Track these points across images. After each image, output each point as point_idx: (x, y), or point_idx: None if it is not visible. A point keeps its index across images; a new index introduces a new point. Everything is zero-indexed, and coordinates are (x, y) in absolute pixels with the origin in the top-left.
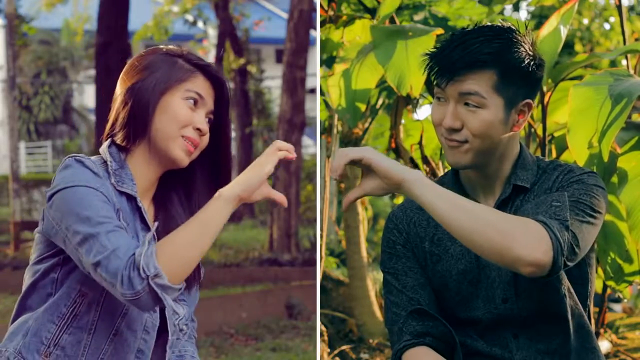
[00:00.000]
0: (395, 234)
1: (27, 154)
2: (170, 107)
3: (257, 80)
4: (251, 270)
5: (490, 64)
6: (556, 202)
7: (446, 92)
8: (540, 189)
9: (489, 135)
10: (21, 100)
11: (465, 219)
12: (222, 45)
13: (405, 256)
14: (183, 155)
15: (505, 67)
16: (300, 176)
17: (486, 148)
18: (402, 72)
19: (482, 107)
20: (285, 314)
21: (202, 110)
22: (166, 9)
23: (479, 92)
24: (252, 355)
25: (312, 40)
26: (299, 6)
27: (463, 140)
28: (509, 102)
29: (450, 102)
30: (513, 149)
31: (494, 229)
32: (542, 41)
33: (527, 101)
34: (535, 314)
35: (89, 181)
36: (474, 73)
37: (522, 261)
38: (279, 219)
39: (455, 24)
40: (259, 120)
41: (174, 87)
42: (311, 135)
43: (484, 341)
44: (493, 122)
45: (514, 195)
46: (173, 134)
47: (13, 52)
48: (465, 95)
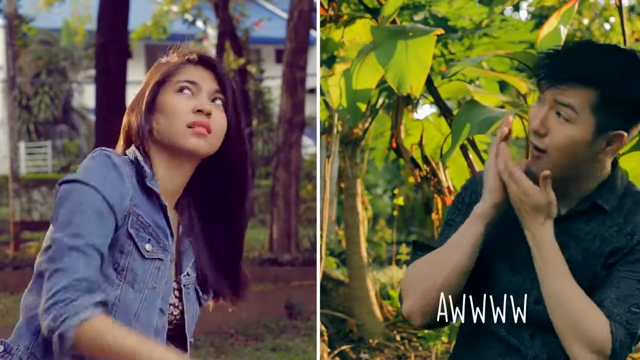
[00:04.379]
0: (470, 194)
1: (27, 154)
2: (167, 104)
3: (257, 80)
4: (251, 270)
5: (594, 84)
6: (635, 307)
7: (544, 96)
8: (622, 219)
9: (570, 152)
10: (21, 100)
11: (552, 296)
12: (222, 45)
13: (467, 216)
14: (196, 142)
15: (611, 91)
16: (300, 176)
17: (566, 165)
18: (402, 72)
19: (571, 122)
20: (285, 314)
21: (203, 94)
22: (166, 8)
23: (573, 106)
24: (252, 355)
25: (312, 40)
26: (299, 6)
27: (544, 148)
28: (601, 127)
29: (545, 106)
30: (602, 172)
31: (569, 320)
32: (542, 41)
33: (620, 132)
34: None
35: (101, 184)
36: (576, 87)
37: (575, 358)
38: (279, 219)
39: (455, 24)
40: (259, 120)
41: (164, 85)
42: (311, 135)
43: (504, 328)
44: (577, 140)
45: (591, 211)
46: (179, 129)
47: (13, 52)
48: (559, 105)
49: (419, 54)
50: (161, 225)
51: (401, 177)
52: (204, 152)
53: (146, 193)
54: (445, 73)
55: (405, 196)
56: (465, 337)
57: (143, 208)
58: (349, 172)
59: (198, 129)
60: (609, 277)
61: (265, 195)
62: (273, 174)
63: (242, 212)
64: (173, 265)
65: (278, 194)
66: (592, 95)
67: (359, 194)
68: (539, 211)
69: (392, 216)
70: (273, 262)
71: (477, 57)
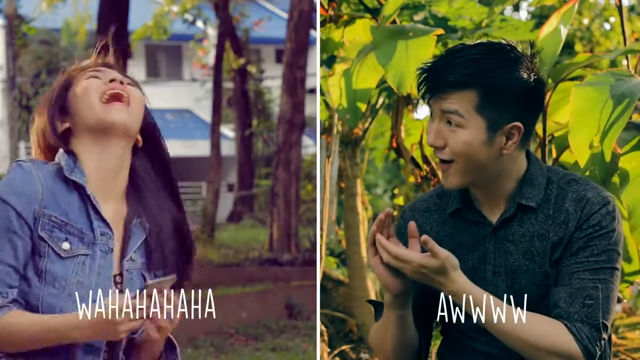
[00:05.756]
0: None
1: (27, 154)
2: (77, 91)
3: (257, 80)
4: (251, 270)
5: (471, 85)
6: (589, 299)
7: (433, 108)
8: (552, 210)
9: (471, 156)
10: (21, 100)
11: (501, 334)
12: (222, 45)
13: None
14: (114, 113)
15: (489, 88)
16: (300, 176)
17: (472, 168)
18: (402, 72)
19: (462, 127)
20: (285, 314)
21: (111, 72)
22: (166, 9)
23: (459, 111)
24: (252, 355)
25: (312, 40)
26: (299, 6)
27: (449, 159)
28: (492, 124)
29: (435, 119)
30: (516, 167)
31: (530, 348)
32: (542, 41)
33: (516, 124)
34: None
35: (7, 194)
36: (457, 92)
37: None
38: (279, 219)
39: (455, 24)
40: (259, 120)
41: (71, 82)
42: (311, 135)
43: (483, 341)
44: (472, 143)
45: (520, 213)
46: (94, 104)
47: (13, 52)
48: (446, 114)
49: (419, 54)
50: (82, 220)
51: (401, 177)
52: (123, 122)
53: (69, 188)
54: None
55: (405, 196)
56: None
57: (60, 206)
58: (349, 172)
59: (113, 99)
60: (560, 275)
61: (265, 195)
62: (273, 174)
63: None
64: (115, 253)
65: (278, 194)
66: (473, 97)
67: (359, 194)
68: (443, 272)
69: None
70: (273, 262)
71: None
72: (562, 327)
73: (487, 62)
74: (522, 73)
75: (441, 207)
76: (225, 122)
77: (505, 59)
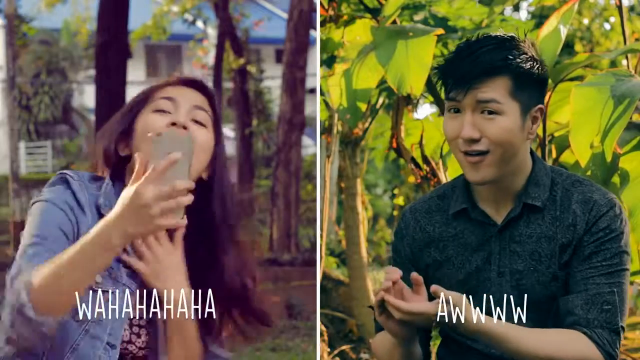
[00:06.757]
0: (401, 241)
1: (27, 154)
2: (140, 125)
3: (257, 80)
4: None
5: (504, 70)
6: (607, 305)
7: (462, 103)
8: (558, 211)
9: (510, 142)
10: (21, 100)
11: (525, 355)
12: (222, 45)
13: (404, 268)
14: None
15: (517, 72)
16: (300, 176)
17: (508, 157)
18: (402, 72)
19: (500, 114)
20: (285, 314)
21: (181, 109)
22: (166, 9)
23: (496, 98)
24: (252, 355)
25: (312, 40)
26: (299, 6)
27: (485, 150)
28: (525, 108)
29: (466, 112)
30: (527, 162)
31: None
32: (542, 41)
33: (540, 106)
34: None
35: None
36: (489, 80)
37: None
38: (279, 219)
39: (455, 24)
40: (259, 120)
41: (143, 108)
42: (311, 135)
43: (482, 343)
44: (512, 128)
45: (527, 213)
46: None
47: (13, 52)
48: (482, 103)
49: (419, 54)
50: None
51: (401, 177)
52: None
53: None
54: None
55: (405, 196)
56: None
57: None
58: (349, 172)
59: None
60: (573, 281)
61: (265, 195)
62: (273, 174)
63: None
64: (137, 295)
65: (278, 194)
66: (506, 82)
67: (359, 194)
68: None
69: (392, 216)
70: (273, 262)
71: None
72: (581, 335)
73: (506, 49)
74: (534, 56)
75: (442, 208)
76: (225, 122)
77: (517, 45)
